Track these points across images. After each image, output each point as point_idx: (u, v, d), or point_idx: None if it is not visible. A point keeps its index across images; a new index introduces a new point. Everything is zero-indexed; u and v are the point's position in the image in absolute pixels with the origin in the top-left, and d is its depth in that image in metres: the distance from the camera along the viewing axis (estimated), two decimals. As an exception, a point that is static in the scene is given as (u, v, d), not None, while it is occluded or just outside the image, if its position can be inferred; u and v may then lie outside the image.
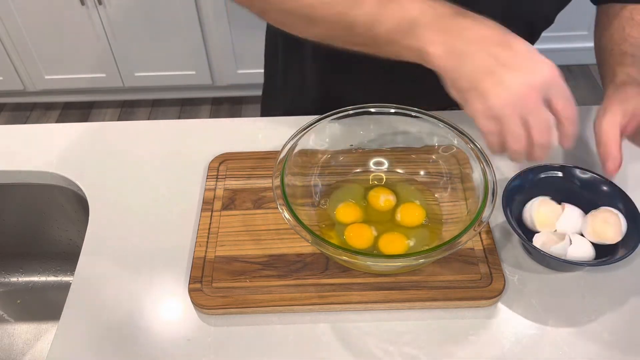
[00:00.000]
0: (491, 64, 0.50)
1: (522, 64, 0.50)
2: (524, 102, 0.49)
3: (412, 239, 0.68)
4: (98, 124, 0.90)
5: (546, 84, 0.50)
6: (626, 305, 0.64)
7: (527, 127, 0.51)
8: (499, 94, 0.50)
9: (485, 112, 0.51)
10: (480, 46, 0.51)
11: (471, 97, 0.52)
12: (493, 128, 0.52)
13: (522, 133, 0.51)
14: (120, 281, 0.67)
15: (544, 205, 0.68)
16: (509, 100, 0.49)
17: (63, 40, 2.06)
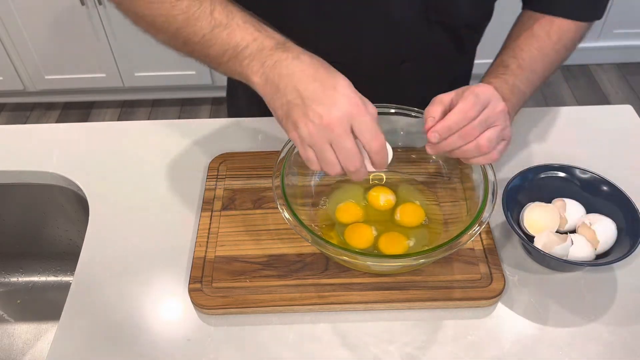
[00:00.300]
0: (297, 97, 0.55)
1: (324, 99, 0.54)
2: (328, 132, 0.53)
3: (412, 239, 0.68)
4: (98, 124, 0.90)
5: (347, 117, 0.53)
6: (626, 305, 0.64)
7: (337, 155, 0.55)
8: (307, 125, 0.54)
9: (299, 140, 0.56)
10: (290, 80, 0.55)
11: (287, 126, 0.57)
12: (310, 155, 0.56)
13: (334, 159, 0.55)
14: (120, 281, 0.67)
15: (536, 210, 0.68)
16: (315, 131, 0.54)
17: (63, 40, 2.06)
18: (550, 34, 0.71)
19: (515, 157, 0.81)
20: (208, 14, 0.60)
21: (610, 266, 0.67)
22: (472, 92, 0.58)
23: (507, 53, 0.71)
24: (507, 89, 0.67)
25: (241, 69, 0.59)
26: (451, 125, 0.58)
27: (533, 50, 0.70)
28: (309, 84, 0.54)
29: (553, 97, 2.30)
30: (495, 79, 0.68)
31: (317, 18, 0.75)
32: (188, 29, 0.60)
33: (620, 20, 2.26)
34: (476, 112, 0.58)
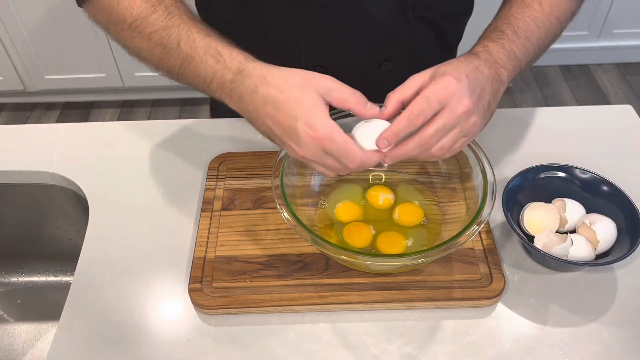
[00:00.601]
0: (270, 130, 0.57)
1: (290, 135, 0.55)
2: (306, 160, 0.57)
3: (410, 239, 0.68)
4: (98, 124, 0.90)
5: (315, 147, 0.55)
6: (626, 305, 0.64)
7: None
8: (289, 150, 0.57)
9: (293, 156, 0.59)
10: (257, 116, 0.58)
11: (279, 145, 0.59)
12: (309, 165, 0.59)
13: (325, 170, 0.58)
14: (120, 281, 0.67)
15: (536, 210, 0.68)
16: (299, 155, 0.57)
17: (63, 40, 2.06)
18: (542, 5, 0.70)
19: (515, 157, 0.81)
20: (176, 47, 0.61)
21: (610, 266, 0.67)
22: (425, 95, 0.55)
23: (501, 20, 0.69)
24: (504, 54, 0.63)
25: (218, 98, 0.61)
26: (398, 132, 0.56)
27: (527, 19, 0.68)
28: (274, 120, 0.56)
29: (553, 97, 2.30)
30: (492, 43, 0.64)
31: (296, 22, 0.76)
32: (165, 62, 0.63)
33: (620, 20, 2.26)
34: (425, 117, 0.55)
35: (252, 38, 0.64)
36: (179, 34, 0.61)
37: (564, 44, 2.36)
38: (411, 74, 0.59)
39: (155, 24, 0.62)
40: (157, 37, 0.62)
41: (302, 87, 0.55)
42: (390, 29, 0.77)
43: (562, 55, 2.39)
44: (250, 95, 0.57)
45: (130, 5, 0.63)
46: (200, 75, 0.61)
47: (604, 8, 2.21)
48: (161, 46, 0.62)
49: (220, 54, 0.59)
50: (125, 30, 0.65)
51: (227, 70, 0.59)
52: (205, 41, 0.61)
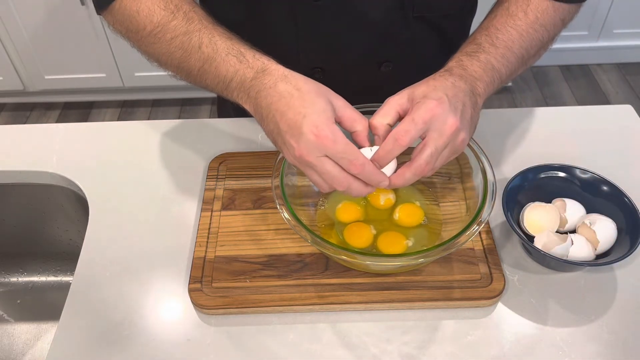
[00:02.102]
0: (275, 128, 0.57)
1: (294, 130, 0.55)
2: (304, 161, 0.55)
3: (411, 239, 0.68)
4: (98, 124, 0.90)
5: (316, 147, 0.54)
6: (626, 305, 0.64)
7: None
8: (287, 153, 0.57)
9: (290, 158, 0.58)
10: (269, 111, 0.57)
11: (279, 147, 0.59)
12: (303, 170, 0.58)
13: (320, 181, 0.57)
14: (120, 281, 0.67)
15: (536, 210, 0.68)
16: (293, 159, 0.56)
17: (63, 40, 2.06)
18: (527, 13, 0.69)
19: (515, 157, 0.81)
20: (197, 49, 0.62)
21: (610, 266, 0.67)
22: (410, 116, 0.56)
23: (480, 32, 0.69)
24: (479, 67, 0.63)
25: (234, 98, 0.62)
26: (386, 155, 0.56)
27: (509, 29, 0.68)
28: (282, 116, 0.56)
29: (553, 97, 2.30)
30: (466, 57, 0.65)
31: (294, 23, 0.76)
32: (185, 64, 0.64)
33: (620, 20, 2.26)
34: (410, 139, 0.55)
35: (251, 40, 0.64)
36: (200, 37, 0.63)
37: (564, 44, 2.36)
38: (412, 75, 0.59)
39: (176, 30, 0.64)
40: (178, 42, 0.64)
41: (318, 93, 0.56)
42: (389, 29, 0.77)
43: (562, 55, 2.39)
44: (267, 90, 0.57)
45: (150, 14, 0.65)
46: (220, 75, 0.61)
47: (604, 8, 2.21)
48: (182, 50, 0.64)
49: (243, 55, 0.61)
50: (145, 37, 0.66)
51: (250, 69, 0.60)
52: (228, 43, 0.62)
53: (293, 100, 0.56)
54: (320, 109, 0.55)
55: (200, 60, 0.63)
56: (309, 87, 0.57)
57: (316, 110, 0.55)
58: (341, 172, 0.55)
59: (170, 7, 0.65)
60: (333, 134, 0.54)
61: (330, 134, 0.54)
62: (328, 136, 0.54)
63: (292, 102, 0.56)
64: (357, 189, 0.57)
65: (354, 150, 0.55)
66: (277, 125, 0.57)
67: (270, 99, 0.57)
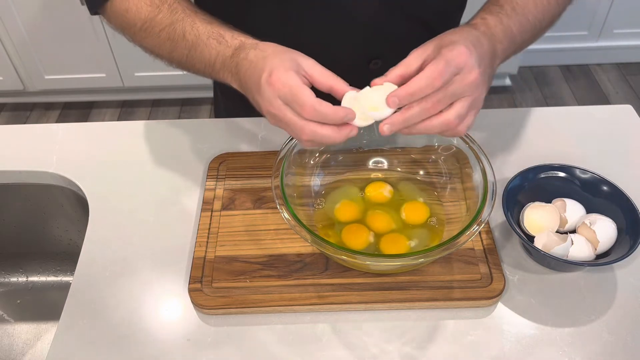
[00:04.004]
0: (250, 91, 0.59)
1: (259, 87, 0.56)
2: (270, 116, 0.57)
3: (414, 240, 0.68)
4: (98, 124, 0.90)
5: (274, 95, 0.55)
6: (626, 305, 0.64)
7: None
8: (263, 112, 0.58)
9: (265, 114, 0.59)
10: (245, 76, 0.59)
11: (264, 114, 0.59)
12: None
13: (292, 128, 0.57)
14: (120, 281, 0.67)
15: (536, 210, 0.68)
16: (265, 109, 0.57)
17: (63, 40, 2.06)
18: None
19: (515, 157, 0.81)
20: (182, 37, 0.65)
21: (610, 266, 0.67)
22: (444, 57, 0.54)
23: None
24: (501, 30, 0.62)
25: (223, 80, 0.63)
26: (414, 92, 0.53)
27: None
28: (251, 79, 0.57)
29: (553, 97, 2.30)
30: (490, 16, 0.63)
31: (281, 24, 0.76)
32: (175, 53, 0.67)
33: (620, 20, 2.26)
34: (444, 80, 0.53)
35: None
36: (184, 26, 0.65)
37: (564, 44, 2.36)
38: None
39: (162, 23, 0.67)
40: (165, 34, 0.66)
41: (283, 52, 0.58)
42: (378, 26, 0.77)
43: (562, 55, 2.39)
44: (242, 62, 0.59)
45: (138, 11, 0.68)
46: (205, 59, 0.64)
47: (604, 8, 2.21)
48: (169, 40, 0.66)
49: (222, 36, 0.63)
50: (137, 33, 0.69)
51: (228, 48, 0.62)
52: (208, 28, 0.64)
53: (260, 62, 0.57)
54: (279, 61, 0.56)
55: (186, 48, 0.65)
56: (275, 50, 0.58)
57: (275, 63, 0.56)
58: (301, 119, 0.55)
59: (155, 2, 0.68)
60: (284, 78, 0.54)
61: (280, 78, 0.54)
62: (279, 79, 0.54)
63: (259, 64, 0.57)
64: (326, 136, 0.55)
65: (301, 92, 0.54)
66: (251, 90, 0.58)
67: (244, 68, 0.59)
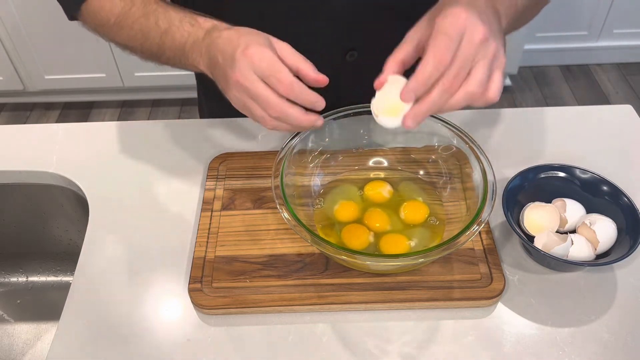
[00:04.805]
0: (220, 67, 0.59)
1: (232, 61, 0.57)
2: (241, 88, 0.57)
3: (414, 240, 0.68)
4: (98, 124, 0.90)
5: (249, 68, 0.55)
6: (626, 305, 0.64)
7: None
8: (230, 90, 0.59)
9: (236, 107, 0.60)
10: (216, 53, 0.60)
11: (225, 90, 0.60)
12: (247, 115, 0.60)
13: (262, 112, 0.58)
14: (120, 281, 0.67)
15: (536, 210, 0.68)
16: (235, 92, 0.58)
17: (63, 40, 2.06)
18: None
19: (515, 157, 0.80)
20: (154, 25, 0.67)
21: (610, 266, 0.67)
22: (440, 31, 0.50)
23: None
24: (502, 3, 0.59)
25: (192, 63, 0.64)
26: (426, 80, 0.50)
27: None
28: (223, 53, 0.58)
29: (553, 97, 2.30)
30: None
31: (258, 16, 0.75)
32: (147, 42, 0.68)
33: (620, 20, 2.26)
34: (451, 53, 0.50)
35: None
36: (157, 15, 0.67)
37: (564, 44, 2.36)
38: (377, 64, 0.56)
39: (135, 15, 0.68)
40: (138, 25, 0.68)
41: (259, 33, 0.59)
42: (353, 18, 0.76)
43: (562, 55, 2.39)
44: (215, 40, 0.60)
45: (112, 7, 0.70)
46: (176, 43, 0.65)
47: (604, 8, 2.21)
48: (142, 31, 0.68)
49: (195, 19, 0.65)
50: (111, 28, 0.71)
51: (201, 29, 0.63)
52: (181, 14, 0.66)
53: (234, 39, 0.58)
54: (255, 38, 0.57)
55: (158, 35, 0.66)
56: (249, 30, 0.59)
57: (250, 39, 0.57)
58: (273, 95, 0.55)
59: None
60: (261, 53, 0.55)
61: (258, 52, 0.55)
62: (256, 53, 0.55)
63: (233, 40, 0.58)
64: (294, 117, 0.56)
65: (280, 68, 0.55)
66: (222, 66, 0.58)
67: (217, 45, 0.60)
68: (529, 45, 2.28)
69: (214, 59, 0.60)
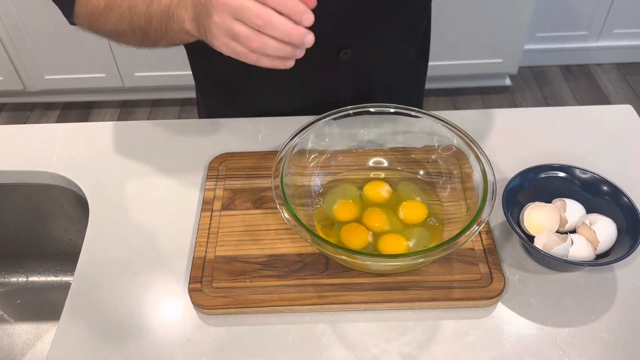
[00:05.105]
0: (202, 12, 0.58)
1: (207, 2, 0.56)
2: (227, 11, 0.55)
3: (412, 240, 0.68)
4: (98, 124, 0.90)
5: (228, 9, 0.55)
6: (626, 305, 0.64)
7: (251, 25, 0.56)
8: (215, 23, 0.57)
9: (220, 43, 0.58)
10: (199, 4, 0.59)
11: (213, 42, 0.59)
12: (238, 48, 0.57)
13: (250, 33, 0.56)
14: (120, 281, 0.67)
15: (536, 210, 0.68)
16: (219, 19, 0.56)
17: (63, 40, 2.06)
18: None
19: (515, 157, 0.80)
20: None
21: (610, 266, 0.67)
22: None
23: None
24: None
25: (177, 24, 0.63)
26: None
27: None
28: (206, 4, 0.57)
29: (553, 97, 2.30)
30: None
31: None
32: (135, 18, 0.68)
33: (620, 20, 2.26)
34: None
35: None
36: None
37: (564, 44, 2.36)
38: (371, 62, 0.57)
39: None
40: (126, 3, 0.69)
41: None
42: (347, 16, 0.76)
43: (562, 55, 2.39)
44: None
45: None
46: (162, 6, 0.64)
47: (604, 8, 2.21)
48: (129, 7, 0.68)
49: None
50: (102, 14, 0.71)
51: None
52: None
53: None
54: None
55: (144, 5, 0.67)
56: None
57: None
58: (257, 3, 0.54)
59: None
60: None
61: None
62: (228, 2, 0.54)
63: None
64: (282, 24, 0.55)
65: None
66: (202, 3, 0.58)
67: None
68: (529, 45, 2.28)
69: (197, 6, 0.60)
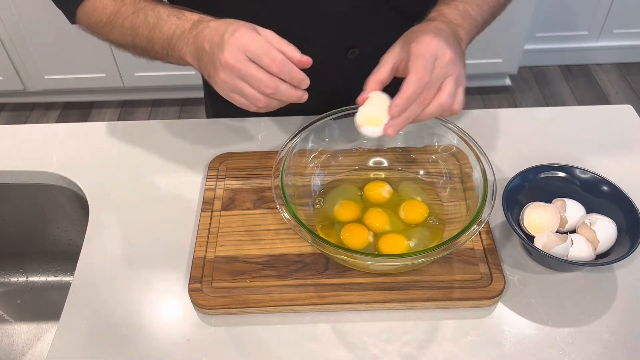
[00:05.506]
0: (208, 54, 0.61)
1: (221, 44, 0.59)
2: (231, 71, 0.59)
3: (413, 240, 0.68)
4: (98, 124, 0.90)
5: (239, 50, 0.58)
6: (626, 305, 0.64)
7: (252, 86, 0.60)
8: (217, 74, 0.60)
9: (223, 92, 0.61)
10: (204, 43, 0.61)
11: (215, 86, 0.62)
12: (238, 99, 0.61)
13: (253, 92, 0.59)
14: (120, 281, 0.67)
15: (536, 210, 0.68)
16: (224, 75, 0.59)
17: (63, 40, 2.06)
18: None
19: (515, 157, 0.80)
20: (144, 21, 0.69)
21: (610, 266, 0.67)
22: (418, 55, 0.58)
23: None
24: (459, 15, 0.68)
25: (179, 54, 0.65)
26: (410, 96, 0.58)
27: None
28: (210, 41, 0.60)
29: (553, 97, 2.30)
30: (445, 7, 0.69)
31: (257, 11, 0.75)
32: (137, 38, 0.70)
33: (620, 20, 2.26)
34: (429, 74, 0.58)
35: None
36: (146, 12, 0.69)
37: (564, 44, 2.36)
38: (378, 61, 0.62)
39: (126, 12, 0.71)
40: (129, 22, 0.70)
41: (243, 22, 0.61)
42: (355, 15, 0.77)
43: (562, 55, 2.39)
44: (202, 30, 0.62)
45: (104, 8, 0.73)
46: (164, 35, 0.66)
47: (604, 8, 2.21)
48: (132, 28, 0.70)
49: (183, 13, 0.67)
50: (104, 27, 0.74)
51: (188, 22, 0.65)
52: (169, 9, 0.68)
53: (222, 26, 0.60)
54: (241, 24, 0.60)
55: (147, 30, 0.68)
56: (234, 20, 0.61)
57: (238, 25, 0.59)
58: (266, 74, 0.58)
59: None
60: (249, 35, 0.57)
61: (247, 34, 0.57)
62: (244, 35, 0.57)
63: (221, 27, 0.60)
64: (285, 91, 0.59)
65: (271, 48, 0.57)
66: (206, 51, 0.60)
67: (203, 35, 0.62)
68: (529, 45, 2.28)
69: (200, 48, 0.61)
